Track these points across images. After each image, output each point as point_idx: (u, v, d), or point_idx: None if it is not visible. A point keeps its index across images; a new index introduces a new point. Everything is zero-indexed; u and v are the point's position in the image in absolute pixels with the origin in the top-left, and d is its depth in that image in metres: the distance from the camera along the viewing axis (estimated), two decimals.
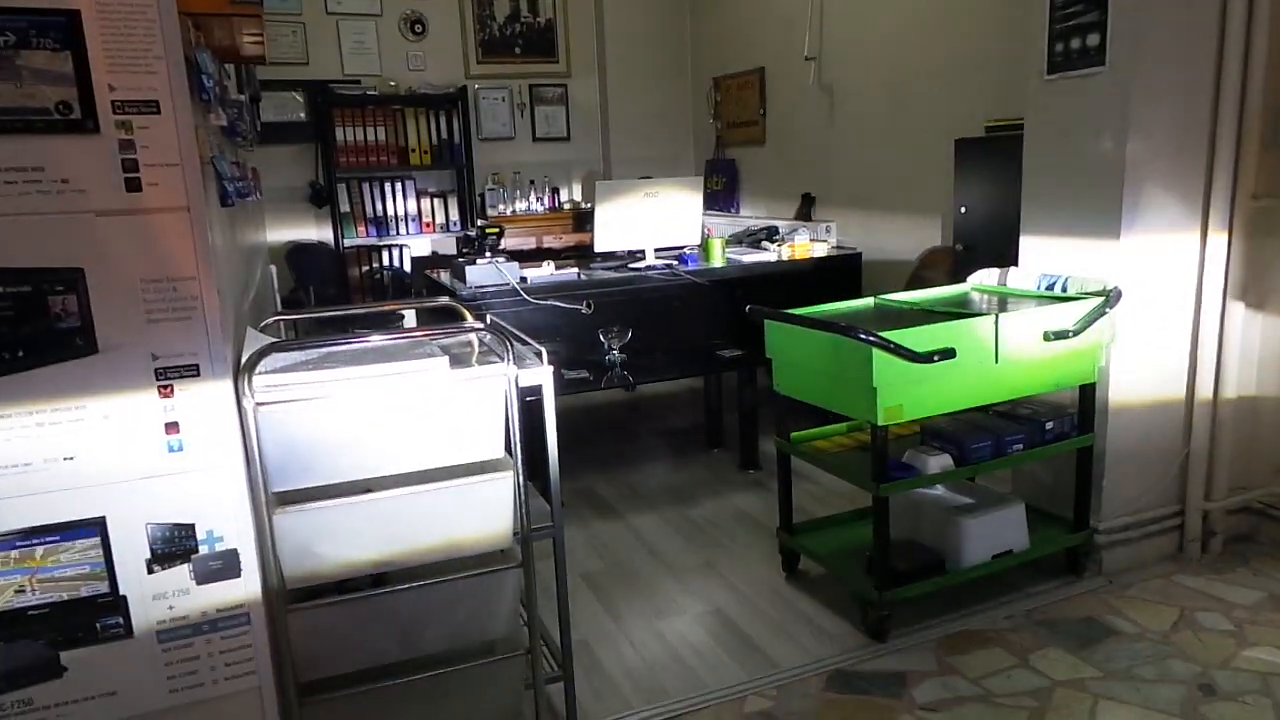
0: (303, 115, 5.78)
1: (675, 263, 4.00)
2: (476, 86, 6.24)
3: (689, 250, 4.13)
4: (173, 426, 1.51)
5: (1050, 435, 2.62)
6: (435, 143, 5.99)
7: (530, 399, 1.87)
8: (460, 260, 3.89)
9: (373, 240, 5.94)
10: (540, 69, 6.44)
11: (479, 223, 4.29)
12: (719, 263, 4.04)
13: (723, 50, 6.16)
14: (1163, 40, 2.51)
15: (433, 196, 6.08)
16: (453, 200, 6.12)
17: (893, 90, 4.51)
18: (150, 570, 1.53)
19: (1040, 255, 2.84)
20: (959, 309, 2.65)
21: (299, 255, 5.86)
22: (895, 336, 2.23)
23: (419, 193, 6.02)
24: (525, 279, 3.68)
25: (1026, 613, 2.56)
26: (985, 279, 2.93)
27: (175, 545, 1.54)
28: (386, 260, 6.00)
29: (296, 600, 1.72)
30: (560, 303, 3.65)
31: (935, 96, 4.22)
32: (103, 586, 1.51)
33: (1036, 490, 2.87)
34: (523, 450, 1.82)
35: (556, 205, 6.46)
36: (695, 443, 4.29)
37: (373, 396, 1.68)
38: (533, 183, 6.37)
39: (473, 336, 1.98)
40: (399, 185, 5.95)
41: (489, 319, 1.94)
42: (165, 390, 1.50)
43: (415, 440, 1.73)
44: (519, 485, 1.82)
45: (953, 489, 2.72)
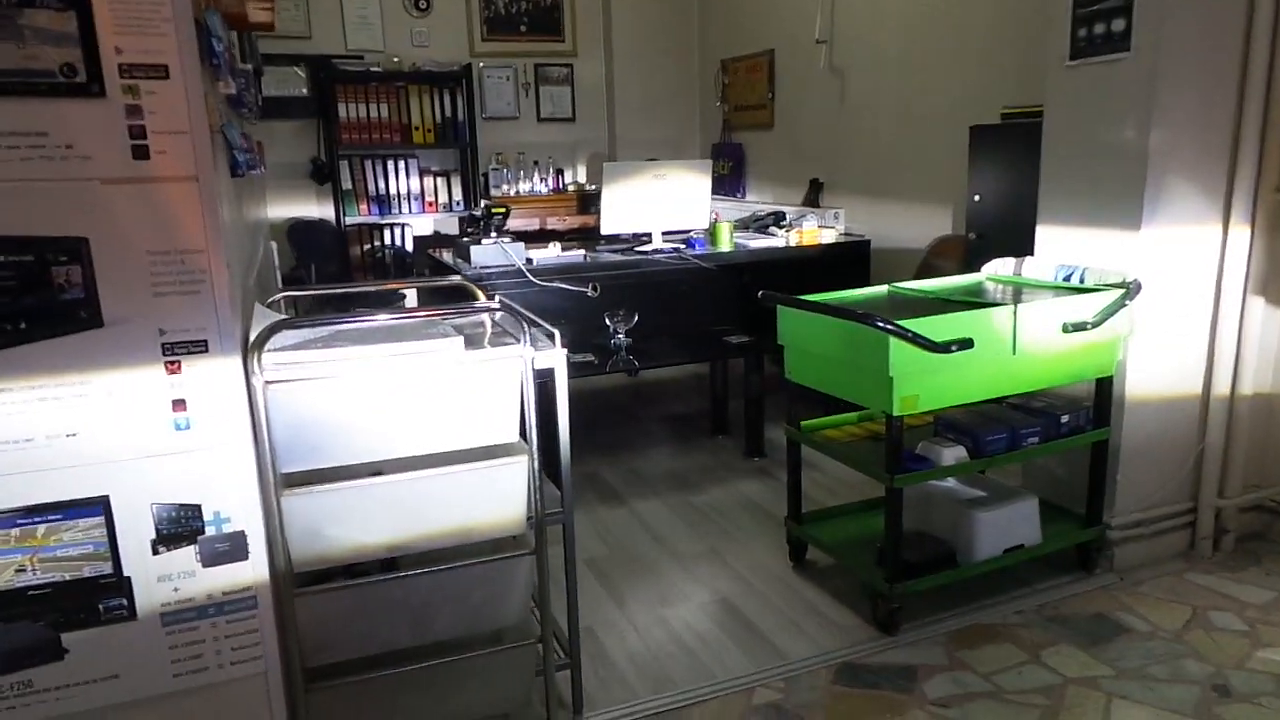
0: (304, 90, 5.69)
1: (682, 247, 3.94)
2: (481, 65, 6.15)
3: (696, 234, 4.08)
4: (180, 404, 1.47)
5: (1066, 428, 2.58)
6: (439, 121, 5.91)
7: (539, 381, 1.83)
8: (465, 240, 3.83)
9: (375, 218, 5.88)
10: (546, 48, 6.35)
11: (484, 202, 4.22)
12: (727, 247, 3.99)
13: (731, 32, 6.08)
14: (1189, 26, 2.46)
15: (435, 175, 6.01)
16: (456, 180, 6.06)
17: (905, 75, 4.45)
18: (155, 551, 1.49)
19: (1058, 245, 2.79)
20: (975, 298, 2.60)
21: (300, 232, 5.78)
22: (913, 325, 2.19)
23: (422, 171, 5.96)
24: (531, 260, 3.63)
25: (1037, 608, 2.53)
26: (1000, 268, 2.88)
27: (181, 526, 1.50)
28: (388, 239, 5.95)
29: (304, 584, 1.68)
30: (566, 285, 3.60)
31: (949, 82, 4.16)
32: (106, 567, 1.47)
33: (1048, 484, 2.84)
34: (538, 434, 1.78)
35: (560, 187, 6.39)
36: (700, 429, 4.25)
37: (386, 377, 1.63)
38: (537, 163, 6.30)
39: (485, 317, 1.93)
40: (402, 163, 5.88)
41: (497, 299, 1.90)
42: (172, 366, 1.45)
43: (428, 422, 1.68)
44: (533, 470, 1.78)
45: (964, 481, 2.68)
